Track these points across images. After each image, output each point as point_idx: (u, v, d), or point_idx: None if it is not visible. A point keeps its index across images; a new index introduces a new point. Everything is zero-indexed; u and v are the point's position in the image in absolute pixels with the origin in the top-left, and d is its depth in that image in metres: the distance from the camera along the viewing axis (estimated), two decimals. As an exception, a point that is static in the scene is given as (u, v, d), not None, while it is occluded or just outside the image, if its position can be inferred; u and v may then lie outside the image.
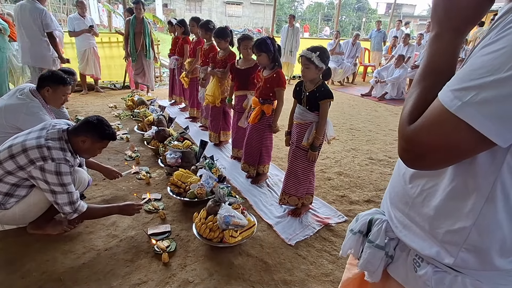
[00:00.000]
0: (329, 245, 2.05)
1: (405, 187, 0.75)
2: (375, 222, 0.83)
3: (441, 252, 0.65)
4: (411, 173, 0.74)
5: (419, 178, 0.72)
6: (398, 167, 0.81)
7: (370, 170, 3.19)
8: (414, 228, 0.72)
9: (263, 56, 2.41)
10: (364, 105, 6.15)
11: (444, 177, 0.65)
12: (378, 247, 0.79)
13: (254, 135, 2.65)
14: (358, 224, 0.88)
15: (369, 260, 0.80)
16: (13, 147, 1.74)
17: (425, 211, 0.69)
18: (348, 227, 0.92)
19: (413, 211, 0.72)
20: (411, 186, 0.73)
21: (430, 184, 0.68)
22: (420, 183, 0.71)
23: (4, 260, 1.78)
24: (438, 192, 0.66)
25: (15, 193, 1.80)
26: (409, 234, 0.73)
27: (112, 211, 2.00)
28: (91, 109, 4.78)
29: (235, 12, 33.28)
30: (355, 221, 0.90)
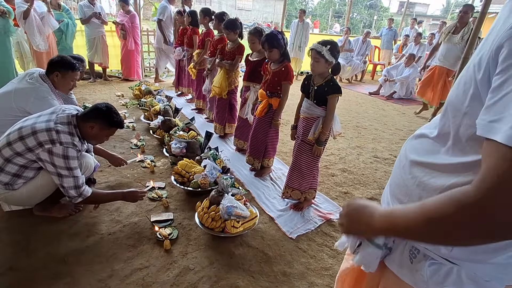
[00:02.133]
0: (330, 240, 2.06)
1: (405, 178, 0.75)
2: None
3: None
4: (411, 165, 0.75)
5: (418, 170, 0.72)
6: (399, 160, 0.82)
7: (375, 168, 3.18)
8: None
9: (274, 52, 2.37)
10: (372, 103, 6.10)
11: (446, 170, 0.65)
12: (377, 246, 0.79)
13: (260, 128, 2.65)
14: None
15: (365, 256, 0.80)
16: (23, 129, 1.77)
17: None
18: None
19: (412, 202, 0.72)
20: (411, 177, 0.74)
21: (430, 176, 0.68)
22: (419, 175, 0.71)
23: (10, 239, 1.82)
24: (437, 185, 0.66)
25: (23, 174, 1.83)
26: None
27: (117, 197, 2.03)
28: (99, 97, 4.81)
29: (245, 6, 33.03)
30: None
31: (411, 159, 0.76)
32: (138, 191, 2.06)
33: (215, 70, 3.58)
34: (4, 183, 1.81)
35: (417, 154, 0.75)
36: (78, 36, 5.55)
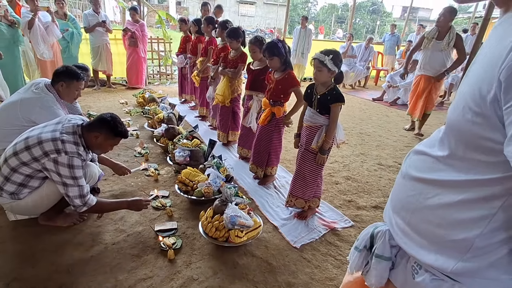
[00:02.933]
0: (334, 250, 2.04)
1: (408, 195, 0.76)
2: (376, 235, 0.84)
3: (440, 260, 0.66)
4: (413, 181, 0.75)
5: (421, 186, 0.72)
6: (401, 175, 0.82)
7: (379, 176, 3.16)
8: (414, 236, 0.73)
9: (275, 60, 2.39)
10: (375, 109, 6.09)
11: (452, 187, 0.65)
12: (387, 259, 0.80)
13: (263, 137, 2.65)
14: (361, 241, 0.89)
15: (381, 274, 0.81)
16: (29, 139, 1.79)
17: (427, 220, 0.69)
18: (353, 247, 0.93)
19: (415, 219, 0.73)
20: (413, 193, 0.74)
21: (434, 192, 0.68)
22: (422, 191, 0.71)
23: (15, 249, 1.83)
24: (443, 202, 0.66)
25: (29, 184, 1.85)
26: (409, 241, 0.74)
27: (121, 206, 2.03)
28: (103, 105, 4.86)
29: (248, 12, 33.35)
30: (357, 240, 0.91)
31: (413, 175, 0.76)
32: (143, 199, 2.07)
33: (219, 78, 3.61)
34: (10, 192, 1.83)
35: (419, 171, 0.75)
36: (83, 44, 5.62)
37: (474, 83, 0.60)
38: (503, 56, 0.53)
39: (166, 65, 7.10)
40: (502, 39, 0.56)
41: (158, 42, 6.95)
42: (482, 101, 0.56)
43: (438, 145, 0.71)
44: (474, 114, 0.59)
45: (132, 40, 5.58)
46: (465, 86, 0.64)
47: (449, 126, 0.68)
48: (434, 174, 0.70)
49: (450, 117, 0.67)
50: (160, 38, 6.95)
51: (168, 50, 7.00)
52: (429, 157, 0.73)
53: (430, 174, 0.71)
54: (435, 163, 0.71)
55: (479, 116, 0.57)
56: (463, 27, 17.86)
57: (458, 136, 0.64)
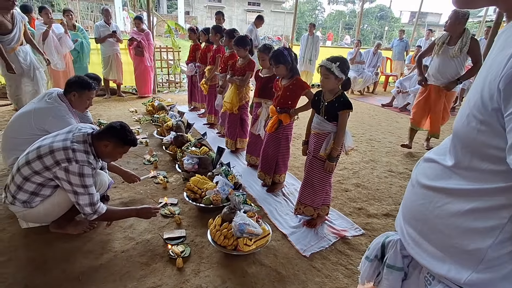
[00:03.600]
0: (345, 259, 2.00)
1: (418, 203, 0.74)
2: (388, 244, 0.83)
3: (453, 271, 0.64)
4: (423, 189, 0.73)
5: (431, 195, 0.71)
6: (411, 184, 0.80)
7: (390, 183, 3.11)
8: (426, 245, 0.71)
9: (281, 68, 2.41)
10: (385, 115, 6.02)
11: (462, 196, 0.64)
12: (399, 270, 0.78)
13: (271, 144, 2.65)
14: (372, 251, 0.87)
15: (393, 285, 0.80)
16: (41, 148, 1.83)
17: (438, 229, 0.68)
18: (363, 256, 0.91)
19: (426, 228, 0.72)
20: (424, 202, 0.72)
21: (444, 201, 0.67)
22: (432, 199, 0.70)
23: (27, 256, 1.86)
24: (453, 211, 0.65)
25: (41, 192, 1.88)
26: (420, 251, 0.73)
27: (130, 213, 2.05)
28: (113, 113, 4.94)
29: (256, 20, 33.67)
30: (368, 250, 0.90)
31: (422, 183, 0.74)
32: (152, 207, 2.08)
33: (227, 86, 3.63)
34: (23, 201, 1.86)
35: (428, 178, 0.73)
36: (94, 54, 5.76)
37: (477, 91, 0.59)
38: (502, 64, 0.53)
39: (175, 73, 7.20)
40: (504, 48, 0.56)
41: (167, 51, 7.06)
42: (484, 109, 0.56)
43: (448, 154, 0.70)
44: (478, 122, 0.58)
45: (138, 49, 5.68)
46: (470, 94, 0.63)
47: (455, 135, 0.67)
48: (443, 182, 0.68)
49: (456, 125, 0.67)
50: (169, 47, 7.07)
51: (177, 58, 7.11)
52: (438, 165, 0.72)
53: (439, 182, 0.70)
54: (444, 171, 0.69)
55: (483, 124, 0.57)
56: (473, 31, 17.67)
57: (464, 145, 0.63)
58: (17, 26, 3.70)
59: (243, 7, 33.04)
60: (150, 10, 6.31)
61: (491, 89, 0.55)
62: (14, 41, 3.68)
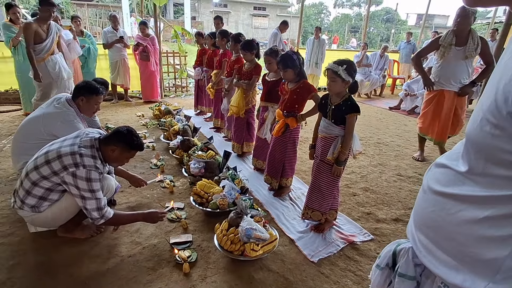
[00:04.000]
0: (353, 265, 1.97)
1: (430, 210, 0.72)
2: (399, 252, 0.80)
3: (468, 281, 0.61)
4: (435, 195, 0.71)
5: (444, 201, 0.68)
6: (422, 190, 0.78)
7: (399, 187, 3.06)
8: (439, 254, 0.68)
9: (289, 72, 2.39)
10: (393, 118, 5.96)
11: (476, 203, 0.61)
12: (411, 279, 0.76)
13: (277, 148, 2.63)
14: (383, 259, 0.85)
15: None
16: (49, 153, 1.84)
17: (451, 237, 0.65)
18: (374, 264, 0.89)
19: (439, 236, 0.69)
20: (437, 209, 0.70)
21: (457, 208, 0.65)
22: (444, 206, 0.67)
23: (35, 261, 1.86)
24: (467, 218, 0.62)
25: (49, 197, 1.89)
26: (433, 260, 0.70)
27: (137, 218, 2.05)
28: (120, 118, 4.98)
29: (261, 24, 33.88)
30: (378, 258, 0.87)
31: (435, 189, 0.72)
32: (158, 212, 2.07)
33: (233, 90, 3.64)
34: (31, 205, 1.88)
35: (440, 184, 0.71)
36: (102, 59, 5.84)
37: (491, 95, 0.57)
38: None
39: (182, 78, 7.25)
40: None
41: (173, 56, 7.12)
42: (499, 113, 0.54)
43: (461, 159, 0.67)
44: (492, 126, 0.56)
45: (144, 54, 5.72)
46: (483, 98, 0.61)
47: (468, 139, 0.65)
48: (456, 189, 0.66)
49: (469, 130, 0.64)
50: (176, 52, 7.12)
51: (183, 63, 7.16)
52: (451, 170, 0.69)
53: (451, 188, 0.67)
54: (457, 177, 0.67)
55: (498, 128, 0.55)
56: (481, 33, 17.48)
57: (477, 150, 0.61)
58: (51, 37, 3.82)
59: (249, 12, 33.24)
60: (157, 16, 6.38)
61: (506, 92, 0.53)
62: (44, 50, 3.77)
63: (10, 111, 5.00)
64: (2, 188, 2.63)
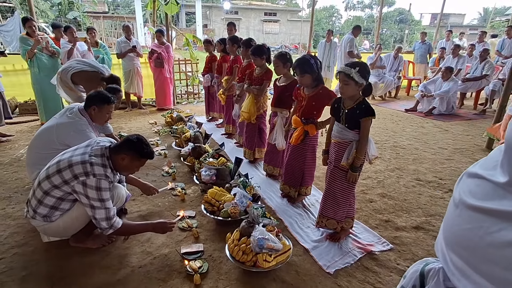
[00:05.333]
0: (372, 276, 1.86)
1: (465, 228, 0.63)
2: (428, 273, 0.71)
3: None
4: (470, 210, 0.62)
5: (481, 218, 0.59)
6: (453, 203, 0.69)
7: (418, 192, 2.92)
8: (477, 278, 0.59)
9: (306, 77, 2.29)
10: (409, 120, 5.77)
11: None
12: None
13: (296, 156, 2.54)
14: (408, 280, 0.75)
15: None
16: (60, 163, 1.84)
17: (492, 259, 0.56)
18: (398, 286, 0.80)
19: (476, 258, 0.59)
20: (472, 226, 0.61)
21: (498, 226, 0.56)
22: (483, 224, 0.58)
23: (47, 271, 1.85)
24: (509, 238, 0.53)
25: (60, 206, 1.89)
26: (470, 285, 0.61)
27: (147, 228, 2.02)
28: (134, 125, 5.03)
29: (272, 29, 33.98)
30: (403, 279, 0.78)
31: (469, 203, 0.63)
32: (167, 222, 2.04)
33: (244, 95, 3.60)
34: (43, 215, 1.88)
35: (476, 198, 0.62)
36: (116, 69, 5.93)
37: None
38: None
39: (193, 84, 7.30)
40: None
41: (185, 63, 7.19)
42: None
43: (499, 169, 0.59)
44: None
45: (158, 61, 5.78)
46: None
47: (510, 147, 0.56)
48: (496, 203, 0.57)
49: (510, 136, 0.56)
50: (187, 59, 7.19)
51: (195, 70, 7.21)
52: (487, 181, 0.61)
53: (490, 202, 0.58)
54: (496, 190, 0.58)
55: None
56: (500, 29, 16.90)
57: None
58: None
59: (260, 18, 33.42)
60: (169, 25, 6.47)
61: None
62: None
63: (29, 121, 5.15)
64: (18, 198, 2.67)
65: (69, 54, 4.69)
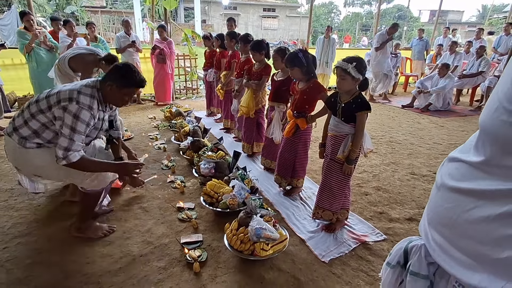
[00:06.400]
0: (366, 265, 1.93)
1: (445, 207, 0.69)
2: (411, 250, 0.77)
3: (485, 281, 0.59)
4: (450, 191, 0.68)
5: (459, 197, 0.65)
6: (436, 186, 0.75)
7: (412, 186, 2.99)
8: (455, 253, 0.65)
9: (295, 70, 2.38)
10: (406, 116, 5.84)
11: (493, 198, 0.58)
12: (424, 278, 0.73)
13: (288, 148, 2.61)
14: (393, 256, 0.82)
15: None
16: (52, 90, 1.85)
17: (468, 235, 0.62)
18: (384, 262, 0.86)
19: (454, 234, 0.66)
20: (450, 205, 0.67)
21: (473, 204, 0.62)
22: (460, 203, 0.65)
23: (50, 260, 1.90)
24: (483, 215, 0.59)
25: (42, 134, 1.84)
26: (448, 259, 0.67)
27: (109, 168, 1.92)
28: (133, 120, 5.07)
29: (271, 25, 33.90)
30: (389, 255, 0.85)
31: (448, 185, 0.69)
32: (130, 163, 1.94)
33: (243, 90, 3.64)
34: (21, 136, 1.83)
35: (454, 179, 0.68)
36: (116, 64, 5.95)
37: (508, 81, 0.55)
38: None
39: (192, 80, 7.32)
40: None
41: (184, 59, 7.20)
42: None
43: (473, 150, 0.64)
44: (509, 114, 0.53)
45: (160, 57, 5.80)
46: (499, 86, 0.58)
47: (483, 130, 0.62)
48: (471, 183, 0.63)
49: (483, 119, 0.61)
50: (186, 55, 7.20)
51: (194, 65, 7.23)
52: (464, 163, 0.66)
53: (466, 183, 0.64)
54: (471, 170, 0.64)
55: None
56: (498, 27, 16.94)
57: (493, 140, 0.58)
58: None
59: (259, 13, 33.31)
60: (167, 20, 6.47)
61: None
62: None
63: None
64: (20, 189, 2.71)
65: (68, 48, 4.70)
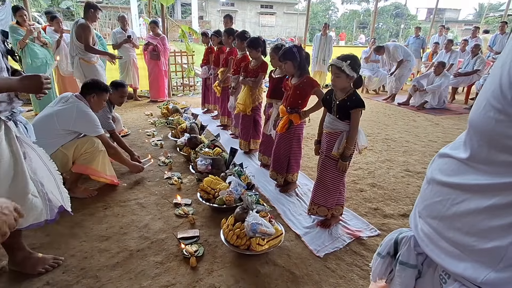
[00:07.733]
0: (360, 260, 1.97)
1: (434, 201, 0.72)
2: (401, 241, 0.81)
3: (469, 270, 0.62)
4: (438, 186, 0.71)
5: (448, 191, 0.68)
6: (426, 180, 0.78)
7: (407, 182, 3.03)
8: (442, 243, 0.69)
9: (288, 64, 2.40)
10: (401, 114, 5.89)
11: (480, 192, 0.61)
12: (412, 267, 0.76)
13: (282, 144, 2.63)
14: (384, 247, 0.85)
15: (407, 283, 0.78)
16: None
17: (456, 227, 0.66)
18: (375, 253, 0.90)
19: (443, 226, 0.69)
20: (440, 199, 0.70)
21: (461, 197, 0.65)
22: (449, 196, 0.68)
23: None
24: (471, 208, 0.62)
25: None
26: (436, 249, 0.70)
27: (10, 85, 1.47)
28: (129, 117, 5.06)
29: (268, 22, 33.81)
30: (380, 246, 0.88)
31: (438, 179, 0.72)
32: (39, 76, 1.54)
33: (240, 87, 3.66)
34: None
35: (444, 174, 0.71)
36: (112, 60, 5.93)
37: (495, 79, 0.57)
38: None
39: (189, 76, 7.31)
40: None
41: (181, 55, 7.18)
42: (503, 97, 0.54)
43: (462, 147, 0.67)
44: (496, 111, 0.56)
45: (154, 53, 5.76)
46: (487, 83, 0.61)
47: (472, 126, 0.65)
48: (460, 178, 0.66)
49: (472, 116, 0.64)
50: (183, 51, 7.19)
51: (190, 62, 7.22)
52: (453, 159, 0.69)
53: (455, 177, 0.67)
54: (460, 166, 0.67)
55: (502, 113, 0.54)
56: (494, 25, 16.99)
57: (481, 136, 0.61)
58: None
59: (256, 10, 33.19)
60: (164, 16, 6.44)
61: (511, 76, 0.53)
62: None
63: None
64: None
65: (57, 44, 4.73)
